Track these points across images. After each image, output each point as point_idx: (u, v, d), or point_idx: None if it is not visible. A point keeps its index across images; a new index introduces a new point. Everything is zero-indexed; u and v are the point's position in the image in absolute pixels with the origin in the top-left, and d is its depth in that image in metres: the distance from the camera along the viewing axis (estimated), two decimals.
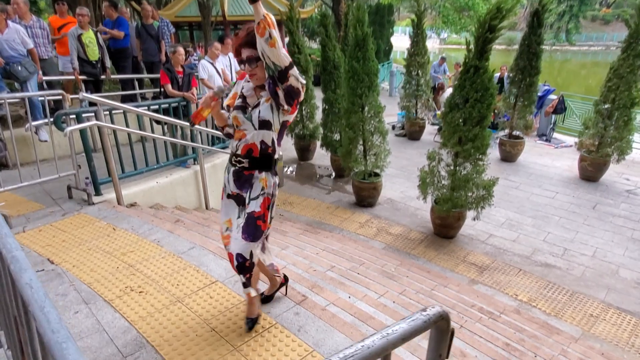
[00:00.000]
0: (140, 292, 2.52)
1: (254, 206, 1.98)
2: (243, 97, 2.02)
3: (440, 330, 0.84)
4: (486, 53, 4.27)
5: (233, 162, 2.04)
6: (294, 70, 1.85)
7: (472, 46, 4.33)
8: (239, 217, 2.05)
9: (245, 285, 2.09)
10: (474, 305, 3.51)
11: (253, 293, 2.13)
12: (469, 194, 4.85)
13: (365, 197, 6.10)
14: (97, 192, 3.89)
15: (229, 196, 2.08)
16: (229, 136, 2.12)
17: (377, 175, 6.09)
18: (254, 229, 1.98)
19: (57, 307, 2.36)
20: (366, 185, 6.00)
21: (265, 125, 1.94)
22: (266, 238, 2.27)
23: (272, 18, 1.72)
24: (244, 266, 2.00)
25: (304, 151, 8.16)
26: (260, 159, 1.98)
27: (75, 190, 3.92)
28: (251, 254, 2.00)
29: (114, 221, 3.48)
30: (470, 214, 5.10)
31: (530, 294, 4.24)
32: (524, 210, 6.04)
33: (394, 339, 0.72)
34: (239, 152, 1.99)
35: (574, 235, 5.36)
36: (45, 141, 4.57)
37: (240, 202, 2.05)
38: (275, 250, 3.62)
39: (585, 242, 5.18)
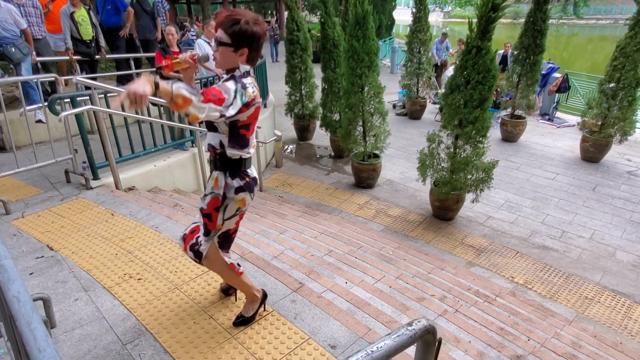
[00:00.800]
0: (138, 279, 2.55)
1: (202, 203, 1.96)
2: None
3: (427, 343, 0.84)
4: (489, 33, 4.15)
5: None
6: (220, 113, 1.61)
7: (474, 26, 4.21)
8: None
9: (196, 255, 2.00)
10: (470, 289, 3.55)
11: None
12: (469, 177, 4.83)
13: (365, 179, 6.09)
14: (95, 177, 3.88)
15: None
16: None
17: (376, 156, 6.06)
18: (203, 224, 1.97)
19: (57, 295, 2.41)
20: (365, 166, 5.98)
21: (210, 127, 1.84)
22: (230, 239, 2.11)
23: (184, 96, 1.47)
24: (193, 248, 1.98)
25: (303, 131, 8.09)
26: (215, 158, 1.90)
27: (73, 175, 3.91)
28: (198, 241, 1.97)
29: (112, 206, 3.49)
30: (469, 196, 5.10)
31: (526, 276, 4.28)
32: (524, 192, 6.04)
33: (379, 357, 0.71)
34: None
35: (573, 217, 5.37)
36: (41, 121, 4.52)
37: None
38: (274, 234, 3.65)
39: (583, 224, 5.20)
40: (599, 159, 6.87)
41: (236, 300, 2.37)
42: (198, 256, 1.98)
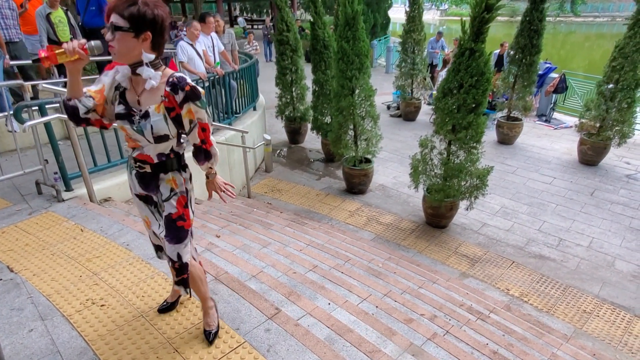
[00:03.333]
0: (102, 305, 2.35)
1: (169, 208, 1.77)
2: (122, 95, 1.65)
3: None
4: (482, 35, 3.96)
5: (133, 165, 1.77)
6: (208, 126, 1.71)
7: (467, 27, 4.01)
8: (154, 216, 1.90)
9: (181, 283, 1.95)
10: (463, 305, 3.37)
11: (184, 294, 2.05)
12: (462, 184, 4.65)
13: (356, 184, 5.90)
14: (68, 188, 3.68)
15: (137, 196, 1.86)
16: (73, 115, 1.62)
17: (368, 161, 5.87)
18: (176, 230, 1.80)
19: (11, 325, 2.21)
20: (357, 172, 5.79)
21: (162, 139, 1.65)
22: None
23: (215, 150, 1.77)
24: (175, 268, 1.88)
25: (295, 134, 7.89)
26: (162, 164, 1.73)
27: (44, 186, 3.71)
28: (179, 256, 1.84)
29: (83, 221, 3.28)
30: (463, 203, 4.92)
31: (522, 288, 4.11)
32: (520, 197, 5.86)
33: None
34: (135, 157, 1.73)
35: (570, 224, 5.20)
36: (16, 132, 4.32)
37: (150, 202, 1.86)
38: (255, 249, 3.45)
39: (581, 232, 5.03)
40: (597, 162, 6.70)
41: (190, 297, 2.34)
42: (184, 268, 1.87)
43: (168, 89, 1.58)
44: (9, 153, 4.83)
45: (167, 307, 2.30)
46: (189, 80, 1.61)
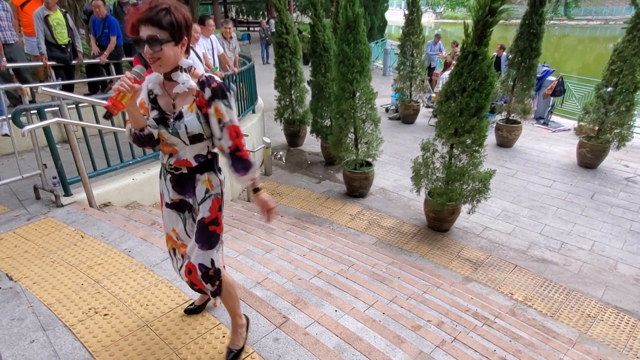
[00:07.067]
0: (105, 314, 2.29)
1: (203, 211, 1.73)
2: (155, 101, 1.65)
3: None
4: (485, 38, 3.95)
5: (167, 170, 1.74)
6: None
7: (470, 30, 4.00)
8: (185, 227, 1.83)
9: (215, 294, 1.86)
10: (468, 310, 3.34)
11: (218, 302, 1.99)
12: (464, 187, 4.63)
13: (357, 188, 5.87)
14: (67, 193, 3.61)
15: (168, 205, 1.80)
16: (151, 141, 1.67)
17: (369, 164, 5.84)
18: (209, 235, 1.74)
19: (12, 335, 2.15)
20: (358, 175, 5.76)
21: (197, 139, 1.63)
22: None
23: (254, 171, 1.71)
24: (208, 275, 1.78)
25: (294, 137, 7.85)
26: (199, 165, 1.71)
27: (43, 191, 3.64)
28: (212, 262, 1.77)
29: (83, 227, 3.22)
30: (465, 207, 4.90)
31: (526, 292, 4.09)
32: (521, 200, 5.86)
33: None
34: (171, 164, 1.71)
35: (572, 227, 5.20)
36: (7, 135, 4.23)
37: (183, 208, 1.80)
38: (259, 255, 3.41)
39: (582, 235, 5.03)
40: (596, 165, 6.72)
41: (216, 305, 2.28)
42: (217, 274, 1.79)
43: (198, 87, 1.59)
44: (6, 157, 4.75)
45: (193, 309, 2.26)
46: (217, 78, 1.61)
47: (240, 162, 1.66)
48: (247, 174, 1.68)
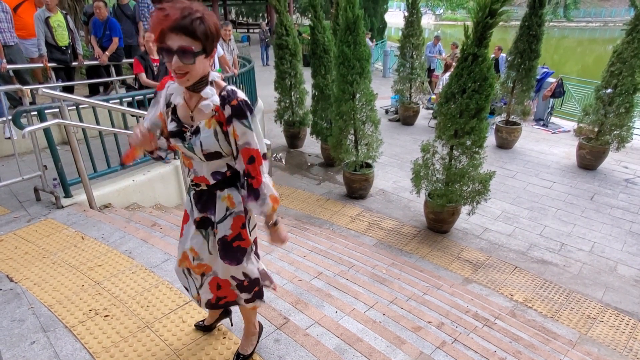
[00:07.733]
0: (105, 316, 2.29)
1: (223, 230, 1.64)
2: (174, 112, 1.54)
3: None
4: (485, 40, 3.96)
5: (191, 186, 1.69)
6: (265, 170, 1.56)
7: (470, 32, 4.01)
8: (208, 241, 1.72)
9: (249, 301, 1.83)
10: (468, 311, 3.34)
11: (259, 304, 1.91)
12: (464, 189, 4.63)
13: (357, 189, 5.88)
14: (67, 194, 3.61)
15: (195, 221, 1.71)
16: (159, 159, 1.67)
17: (369, 166, 5.85)
18: (234, 252, 1.68)
19: (12, 337, 2.14)
20: (357, 177, 5.76)
21: (214, 156, 1.51)
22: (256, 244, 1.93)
23: (275, 203, 1.60)
24: (243, 285, 1.76)
25: (294, 138, 7.86)
26: (218, 184, 1.60)
27: (43, 192, 3.64)
28: (245, 275, 1.73)
29: (83, 228, 3.22)
30: (465, 208, 4.91)
31: (526, 293, 4.09)
32: (521, 202, 5.86)
33: None
34: (192, 180, 1.65)
35: (572, 228, 5.20)
36: (10, 138, 4.25)
37: (207, 225, 1.71)
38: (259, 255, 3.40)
39: (582, 236, 5.03)
40: (595, 166, 6.73)
41: (232, 324, 2.20)
42: (254, 283, 1.78)
43: (219, 102, 1.45)
44: (7, 158, 4.75)
45: (203, 327, 2.18)
46: (240, 94, 1.46)
47: (250, 190, 1.55)
48: (252, 204, 1.57)
